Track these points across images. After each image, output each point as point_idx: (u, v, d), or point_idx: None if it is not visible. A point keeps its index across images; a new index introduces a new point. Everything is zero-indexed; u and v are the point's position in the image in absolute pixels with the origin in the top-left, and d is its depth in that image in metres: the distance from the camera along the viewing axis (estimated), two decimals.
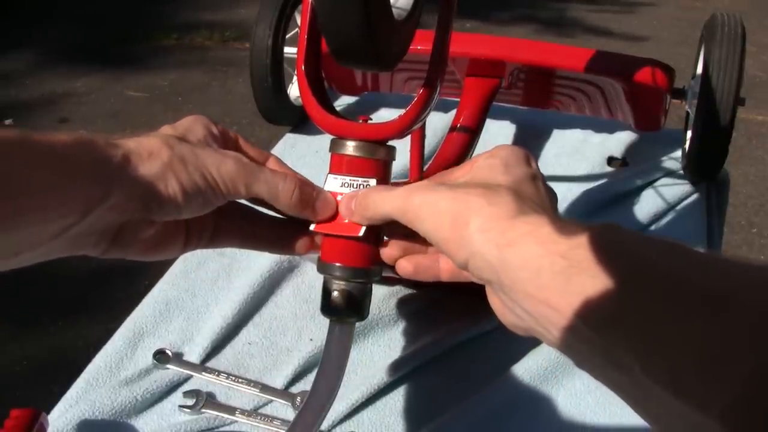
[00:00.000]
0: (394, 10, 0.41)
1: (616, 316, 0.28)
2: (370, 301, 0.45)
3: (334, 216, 0.43)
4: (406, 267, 0.43)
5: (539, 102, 0.94)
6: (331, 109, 0.45)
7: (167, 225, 0.40)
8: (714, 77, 0.72)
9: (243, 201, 0.44)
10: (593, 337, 0.29)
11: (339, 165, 0.43)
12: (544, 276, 0.30)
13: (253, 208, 0.45)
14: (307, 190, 0.42)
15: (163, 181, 0.37)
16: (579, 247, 0.30)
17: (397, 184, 0.45)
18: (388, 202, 0.39)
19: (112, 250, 0.38)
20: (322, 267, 0.44)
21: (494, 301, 0.36)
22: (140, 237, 0.39)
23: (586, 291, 0.29)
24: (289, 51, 0.85)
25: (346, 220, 0.42)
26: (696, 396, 0.24)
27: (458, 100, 0.77)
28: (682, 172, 0.84)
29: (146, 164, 0.36)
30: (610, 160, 0.88)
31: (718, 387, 0.24)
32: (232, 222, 0.44)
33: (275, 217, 0.45)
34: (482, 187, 0.37)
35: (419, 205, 0.37)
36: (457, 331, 0.61)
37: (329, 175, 0.44)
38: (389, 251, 0.44)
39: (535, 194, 0.38)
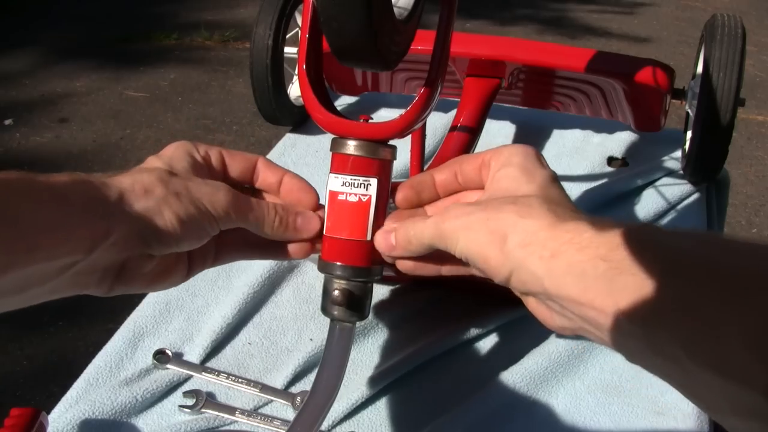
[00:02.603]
0: (395, 9, 0.41)
1: (659, 310, 0.29)
2: (370, 300, 0.45)
3: (320, 231, 0.44)
4: (406, 263, 0.43)
5: (539, 102, 0.94)
6: (332, 109, 0.45)
7: (168, 256, 0.41)
8: (714, 77, 0.72)
9: None
10: (639, 332, 0.30)
11: (340, 164, 0.43)
12: (588, 280, 0.32)
13: None
14: (287, 215, 0.44)
15: (160, 216, 0.38)
16: (618, 247, 0.31)
17: (396, 185, 0.45)
18: (427, 233, 0.40)
19: (117, 287, 0.39)
20: (323, 266, 0.44)
21: (539, 309, 0.37)
22: (142, 271, 0.40)
23: (628, 289, 0.30)
24: (289, 51, 0.85)
25: (391, 260, 0.43)
26: (742, 375, 0.26)
27: (458, 100, 0.77)
28: (682, 172, 0.84)
29: (142, 201, 0.38)
30: (610, 160, 0.88)
31: (759, 366, 0.25)
32: (232, 238, 0.45)
33: None
34: (511, 201, 0.37)
35: (453, 228, 0.38)
36: (457, 331, 0.61)
37: (330, 174, 0.44)
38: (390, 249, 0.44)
39: (562, 196, 0.39)
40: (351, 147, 0.43)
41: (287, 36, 0.85)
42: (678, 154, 0.89)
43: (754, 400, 0.25)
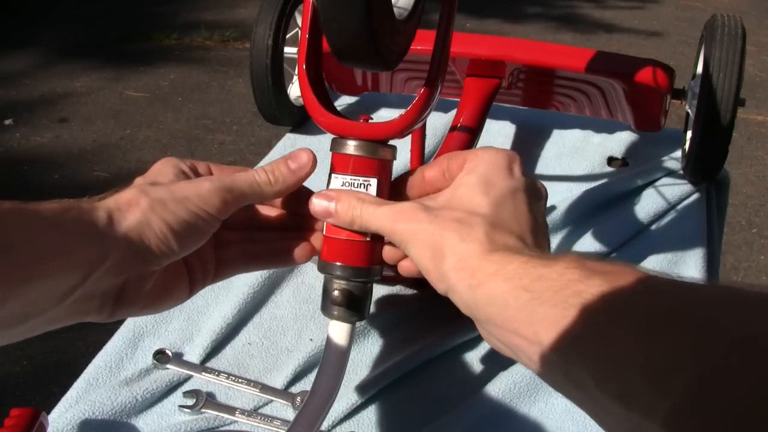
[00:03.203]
0: (395, 9, 0.41)
1: (573, 340, 0.31)
2: (370, 300, 0.45)
3: (310, 172, 0.43)
4: (409, 267, 0.43)
5: (539, 102, 0.94)
6: (332, 109, 0.45)
7: (167, 274, 0.40)
8: (714, 77, 0.72)
9: (234, 232, 0.45)
10: (556, 360, 0.32)
11: (340, 164, 0.43)
12: (510, 310, 0.34)
13: (249, 233, 0.46)
14: (274, 165, 0.43)
15: (149, 227, 0.37)
16: (540, 279, 0.33)
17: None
18: (375, 220, 0.41)
19: (118, 312, 0.39)
20: (323, 266, 0.44)
21: (479, 329, 0.39)
22: (142, 291, 0.39)
23: (547, 320, 0.32)
24: (289, 51, 0.85)
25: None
26: (643, 405, 0.26)
27: (458, 100, 0.77)
28: (682, 172, 0.84)
29: (129, 217, 0.37)
30: (610, 160, 0.88)
31: (661, 396, 0.26)
32: (231, 252, 0.45)
33: (272, 234, 0.46)
34: (456, 219, 0.39)
35: (403, 231, 0.40)
36: (457, 331, 0.61)
37: (331, 174, 0.44)
38: (391, 252, 0.44)
39: (512, 216, 0.40)
40: (351, 147, 0.43)
41: (287, 36, 0.85)
42: (678, 154, 0.88)
43: (655, 431, 0.26)
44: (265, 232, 0.46)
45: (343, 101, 1.01)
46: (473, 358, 0.60)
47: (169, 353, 0.58)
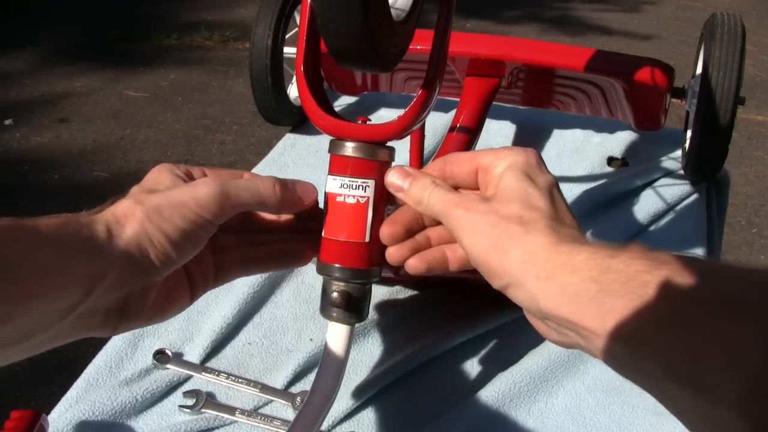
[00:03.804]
0: (392, 10, 0.41)
1: (641, 331, 0.31)
2: (369, 302, 0.45)
3: (316, 200, 0.44)
4: (417, 266, 0.43)
5: (539, 102, 0.94)
6: (330, 110, 0.45)
7: (168, 284, 0.40)
8: (714, 77, 0.72)
9: (231, 236, 0.44)
10: (623, 351, 0.32)
11: (338, 166, 0.43)
12: (581, 301, 0.34)
13: (247, 236, 0.45)
14: (285, 181, 0.43)
15: (147, 238, 0.37)
16: (608, 270, 0.33)
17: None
18: (440, 203, 0.41)
19: (122, 326, 0.39)
20: (322, 268, 0.44)
21: (536, 323, 0.39)
22: (145, 304, 0.39)
23: (615, 311, 0.32)
24: (289, 51, 0.85)
25: (400, 194, 0.42)
26: (712, 391, 0.27)
27: (458, 100, 0.77)
28: (682, 172, 0.84)
29: (126, 229, 0.37)
30: (610, 160, 0.88)
31: (730, 382, 0.27)
32: (230, 256, 0.44)
33: (271, 237, 0.46)
34: (517, 212, 0.38)
35: (462, 218, 0.39)
36: (456, 331, 0.61)
37: (329, 176, 0.44)
38: (396, 252, 0.43)
39: (564, 210, 0.40)
40: (349, 149, 0.43)
41: (287, 36, 0.85)
42: (678, 154, 0.88)
43: (726, 416, 0.27)
44: (264, 234, 0.46)
45: (342, 101, 1.01)
46: (473, 358, 0.60)
47: (169, 353, 0.58)
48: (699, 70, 0.79)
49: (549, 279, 0.35)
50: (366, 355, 0.60)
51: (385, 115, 0.98)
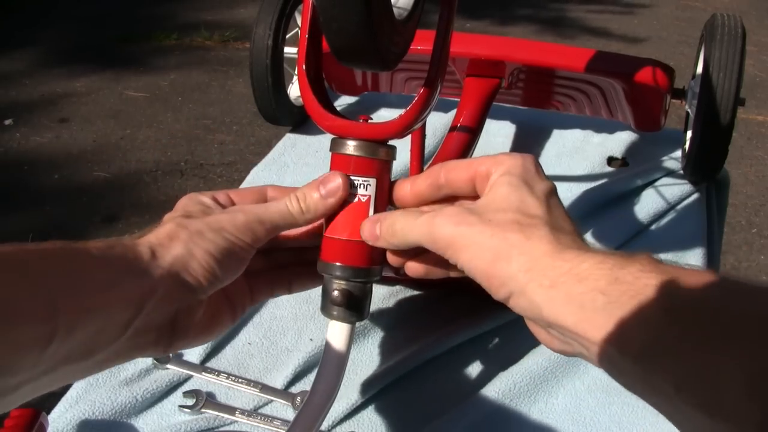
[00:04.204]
0: (394, 9, 0.41)
1: (652, 347, 0.30)
2: (370, 301, 0.45)
3: (343, 198, 0.42)
4: (417, 269, 0.43)
5: (539, 102, 0.94)
6: (332, 109, 0.45)
7: (213, 302, 0.42)
8: (714, 77, 0.72)
9: (260, 258, 0.46)
10: (632, 366, 0.31)
11: (340, 165, 0.43)
12: (587, 312, 0.33)
13: (273, 257, 0.47)
14: (306, 191, 0.43)
15: (193, 258, 0.39)
16: (616, 281, 0.32)
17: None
18: (416, 230, 0.40)
19: (175, 343, 0.40)
20: (323, 267, 0.44)
21: (539, 331, 0.38)
22: (194, 320, 0.41)
23: (624, 325, 0.31)
24: (289, 51, 0.85)
25: (372, 242, 0.42)
26: (732, 414, 0.26)
27: (458, 100, 0.77)
28: (682, 172, 0.84)
29: (171, 250, 0.38)
30: (610, 160, 0.88)
31: (751, 406, 0.26)
32: (260, 278, 0.46)
33: (293, 255, 0.47)
34: (515, 220, 0.37)
35: (452, 236, 0.38)
36: (457, 331, 0.61)
37: None
38: (397, 255, 0.43)
39: (563, 216, 0.39)
40: (350, 147, 0.43)
41: (287, 36, 0.85)
42: (678, 154, 0.89)
43: None
44: (286, 252, 0.47)
45: (343, 101, 1.01)
46: (473, 359, 0.60)
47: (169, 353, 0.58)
48: (699, 70, 0.79)
49: (553, 287, 0.34)
50: (366, 355, 0.60)
51: (385, 115, 0.98)
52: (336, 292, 0.43)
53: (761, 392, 0.26)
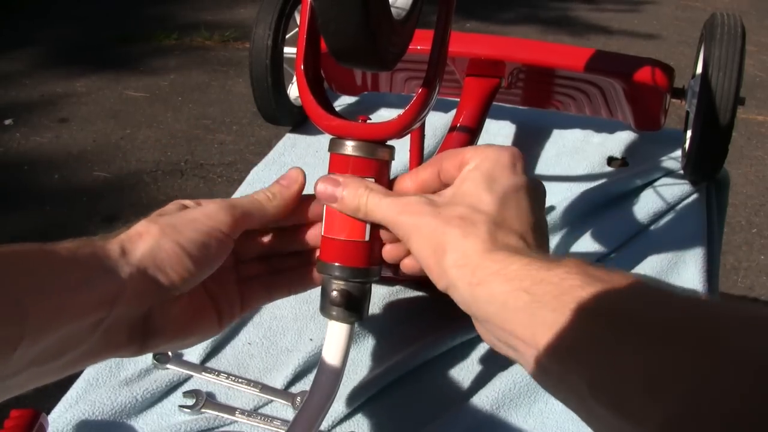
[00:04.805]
0: (393, 9, 0.41)
1: (570, 346, 0.31)
2: (369, 301, 0.45)
3: (302, 185, 0.45)
4: (411, 265, 0.43)
5: (539, 102, 0.94)
6: (330, 109, 0.45)
7: (194, 302, 0.42)
8: (714, 77, 0.72)
9: (254, 265, 0.46)
10: (551, 365, 0.32)
11: (338, 165, 0.43)
12: (510, 310, 0.34)
13: (269, 264, 0.47)
14: (272, 185, 0.44)
15: (161, 251, 0.38)
16: (542, 282, 0.33)
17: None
18: (380, 210, 0.41)
19: (148, 343, 0.40)
20: (321, 267, 0.44)
21: (476, 325, 0.39)
22: (168, 317, 0.40)
23: (546, 324, 0.32)
24: (289, 51, 0.85)
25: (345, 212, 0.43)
26: (636, 414, 0.27)
27: (458, 100, 0.77)
28: (682, 172, 0.84)
29: (140, 245, 0.38)
30: (610, 160, 0.88)
31: (656, 405, 0.26)
32: (254, 284, 0.46)
33: (291, 260, 0.47)
34: (460, 215, 0.39)
35: (406, 224, 0.40)
36: (456, 331, 0.61)
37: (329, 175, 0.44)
38: (393, 250, 0.44)
39: (515, 215, 0.39)
40: (349, 147, 0.43)
41: (287, 36, 0.85)
42: (678, 154, 0.88)
43: None
44: (282, 257, 0.47)
45: (342, 101, 1.01)
46: (473, 358, 0.60)
47: (169, 353, 0.58)
48: (699, 70, 0.79)
49: (480, 285, 0.35)
50: (366, 355, 0.60)
51: (385, 115, 0.98)
52: (335, 293, 0.43)
53: (662, 393, 0.26)
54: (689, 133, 0.80)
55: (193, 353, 0.59)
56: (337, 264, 0.43)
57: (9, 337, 0.31)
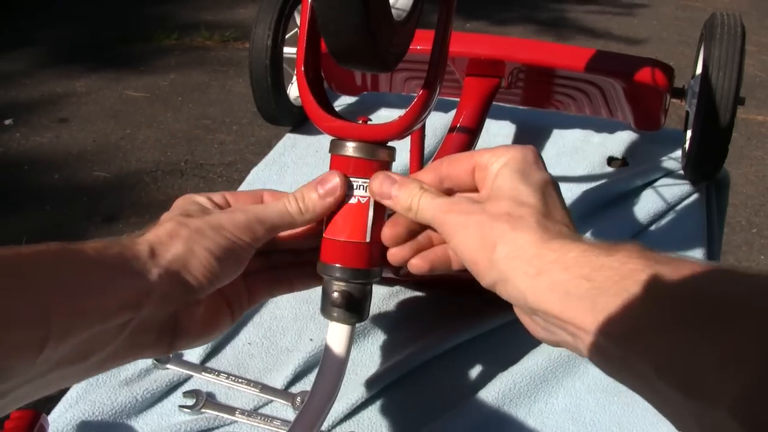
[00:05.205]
0: (393, 11, 0.41)
1: (635, 330, 0.31)
2: (370, 302, 0.45)
3: (341, 197, 0.43)
4: (420, 265, 0.43)
5: (539, 102, 0.94)
6: (331, 110, 0.45)
7: (212, 302, 0.42)
8: (714, 76, 0.72)
9: (257, 260, 0.45)
10: (615, 350, 0.32)
11: (339, 166, 0.43)
12: (571, 299, 0.33)
13: (270, 258, 0.47)
14: (304, 192, 0.43)
15: (193, 256, 0.38)
16: (601, 268, 0.33)
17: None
18: (430, 210, 0.41)
19: (175, 343, 0.40)
20: (322, 268, 0.44)
21: (524, 318, 0.38)
22: (193, 319, 0.40)
23: (608, 309, 0.31)
24: (289, 51, 0.85)
25: (388, 201, 0.42)
26: (708, 395, 0.27)
27: (458, 100, 0.77)
28: (682, 172, 0.84)
29: (171, 248, 0.38)
30: (610, 160, 0.88)
31: (727, 385, 0.26)
32: (258, 279, 0.46)
33: (291, 257, 0.47)
34: (506, 210, 0.38)
35: (453, 222, 0.40)
36: (457, 331, 0.61)
37: None
38: (399, 253, 0.43)
39: (555, 206, 0.40)
40: (349, 149, 0.43)
41: (287, 36, 0.85)
42: (678, 154, 0.89)
43: (720, 419, 0.26)
44: (284, 253, 0.47)
45: (342, 101, 1.01)
46: (473, 358, 0.60)
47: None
48: (699, 70, 0.79)
49: (538, 275, 0.35)
50: (366, 355, 0.60)
51: (385, 115, 0.98)
52: (336, 294, 0.43)
53: (734, 371, 0.26)
54: (689, 133, 0.80)
55: (193, 353, 0.59)
56: (338, 265, 0.43)
57: (35, 340, 0.31)
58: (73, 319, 0.32)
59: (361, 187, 0.43)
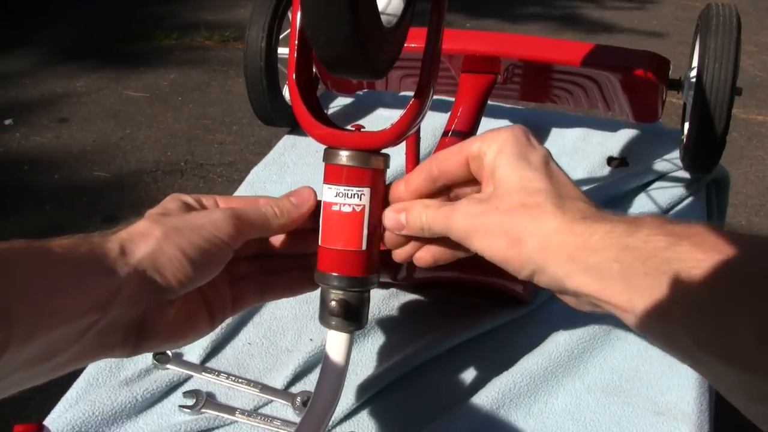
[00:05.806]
0: (383, 16, 0.40)
1: (670, 307, 0.31)
2: (368, 309, 0.45)
3: (312, 207, 0.44)
4: (424, 258, 0.43)
5: (536, 97, 0.94)
6: (323, 118, 0.44)
7: (189, 303, 0.41)
8: (710, 67, 0.72)
9: (247, 265, 0.46)
10: (653, 325, 0.33)
11: (333, 175, 0.43)
12: (605, 279, 0.34)
13: (262, 264, 0.46)
14: (282, 201, 0.44)
15: (163, 254, 0.37)
16: (626, 249, 0.34)
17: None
18: (438, 223, 0.41)
19: (142, 344, 0.39)
20: (320, 277, 0.43)
21: (568, 299, 0.39)
22: (164, 320, 0.39)
23: (641, 288, 0.33)
24: (284, 52, 0.85)
25: (399, 232, 0.43)
26: (750, 364, 0.28)
27: (453, 99, 0.77)
28: (682, 172, 0.84)
29: (142, 247, 0.37)
30: (610, 160, 0.88)
31: (765, 354, 0.27)
32: (246, 285, 0.45)
33: (283, 262, 0.47)
34: (519, 201, 0.38)
35: (464, 226, 0.39)
36: (456, 331, 0.61)
37: (324, 185, 0.43)
38: (403, 251, 0.43)
39: (563, 182, 0.39)
40: (343, 157, 0.42)
41: (281, 36, 0.84)
42: (677, 154, 0.88)
43: (764, 387, 0.27)
44: (276, 259, 0.46)
45: (340, 102, 1.01)
46: (473, 359, 0.60)
47: (169, 353, 0.58)
48: (695, 61, 0.79)
49: (570, 261, 0.35)
50: (366, 355, 0.60)
51: (384, 114, 0.98)
52: (333, 303, 0.43)
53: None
54: (687, 125, 0.79)
55: (193, 353, 0.59)
56: (334, 274, 0.43)
57: None
58: (37, 320, 0.32)
59: (356, 195, 0.42)
